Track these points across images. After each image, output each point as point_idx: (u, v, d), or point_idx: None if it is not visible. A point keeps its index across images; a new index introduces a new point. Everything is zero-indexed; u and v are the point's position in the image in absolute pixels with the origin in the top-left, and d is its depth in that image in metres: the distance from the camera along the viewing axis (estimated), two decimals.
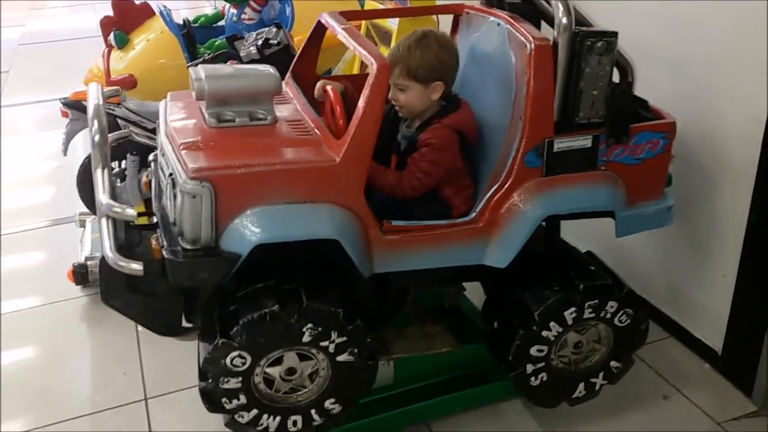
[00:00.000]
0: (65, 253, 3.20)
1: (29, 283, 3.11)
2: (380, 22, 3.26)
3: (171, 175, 1.66)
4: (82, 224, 3.31)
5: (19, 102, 5.70)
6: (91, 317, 2.83)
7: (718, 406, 2.24)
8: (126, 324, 2.72)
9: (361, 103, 1.68)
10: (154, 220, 1.88)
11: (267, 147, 1.72)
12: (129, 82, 3.52)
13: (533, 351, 1.93)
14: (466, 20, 2.15)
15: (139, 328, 2.72)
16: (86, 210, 3.27)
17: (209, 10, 4.62)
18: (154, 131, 2.34)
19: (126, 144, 2.98)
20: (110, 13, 3.88)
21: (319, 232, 1.65)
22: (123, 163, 3.09)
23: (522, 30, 1.81)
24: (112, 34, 3.77)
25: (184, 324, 2.01)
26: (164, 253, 1.64)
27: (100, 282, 1.85)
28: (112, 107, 2.91)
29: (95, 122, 1.76)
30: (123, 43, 3.77)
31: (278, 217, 1.63)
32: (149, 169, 2.09)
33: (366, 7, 3.66)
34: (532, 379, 1.98)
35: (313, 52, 2.18)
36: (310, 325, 1.70)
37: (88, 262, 2.95)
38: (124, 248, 1.75)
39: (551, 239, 2.09)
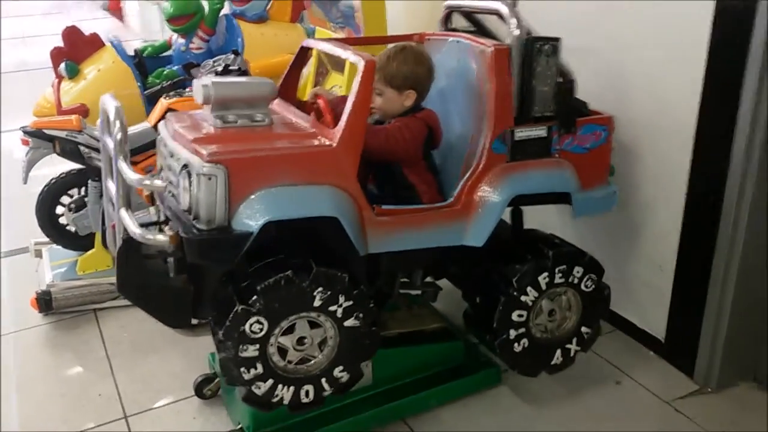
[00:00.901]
0: (21, 284, 3.21)
1: None
2: None
3: (185, 166, 1.81)
4: (38, 254, 3.33)
5: None
6: (57, 343, 2.86)
7: (665, 388, 2.48)
8: (94, 347, 2.80)
9: (351, 94, 1.89)
10: None
11: (270, 137, 1.93)
12: (81, 111, 3.56)
13: (514, 316, 2.16)
14: (427, 46, 2.40)
15: (109, 350, 2.77)
16: (41, 239, 3.29)
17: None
18: None
19: (87, 171, 3.05)
20: (60, 44, 3.90)
21: (321, 210, 1.82)
22: (83, 190, 3.15)
23: (479, 41, 2.11)
24: (62, 65, 3.80)
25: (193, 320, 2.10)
26: (182, 233, 1.76)
27: (117, 273, 1.94)
28: (74, 134, 2.96)
29: (117, 122, 1.91)
30: (74, 74, 3.81)
31: (284, 198, 1.79)
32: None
33: (317, 34, 3.86)
34: (515, 344, 2.20)
35: (296, 75, 2.41)
36: (320, 289, 1.86)
37: (51, 289, 2.98)
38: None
39: (516, 226, 2.35)
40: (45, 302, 2.95)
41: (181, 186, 1.82)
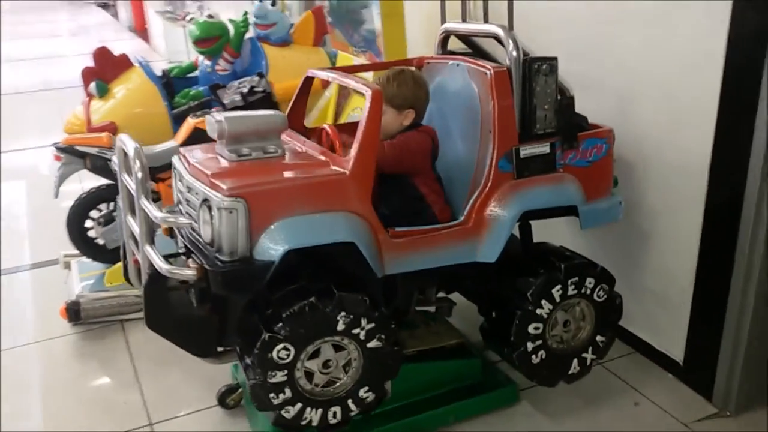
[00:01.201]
0: (51, 295, 3.29)
1: (19, 323, 3.18)
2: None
3: (205, 200, 1.86)
4: (67, 266, 3.42)
5: None
6: (85, 353, 2.94)
7: (683, 410, 2.49)
8: (120, 357, 2.87)
9: (362, 122, 1.96)
10: None
11: (285, 169, 1.99)
12: (110, 129, 3.67)
13: (531, 329, 2.22)
14: (427, 69, 2.50)
15: (135, 360, 2.83)
16: (71, 252, 3.38)
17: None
18: None
19: (116, 186, 3.14)
20: (90, 64, 4.03)
21: (339, 236, 1.88)
22: (111, 205, 3.24)
23: (479, 63, 2.18)
24: (92, 84, 3.92)
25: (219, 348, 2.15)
26: (206, 266, 1.81)
27: (144, 308, 1.99)
28: (104, 151, 3.07)
29: (137, 161, 1.93)
30: (103, 93, 3.94)
31: (302, 226, 1.85)
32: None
33: (339, 58, 3.96)
34: (533, 356, 2.25)
35: (302, 104, 2.48)
36: (343, 314, 1.91)
37: (80, 299, 3.05)
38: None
39: (526, 240, 2.41)
40: (74, 312, 3.03)
41: (202, 219, 1.88)
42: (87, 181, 3.23)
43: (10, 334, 3.07)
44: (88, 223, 3.24)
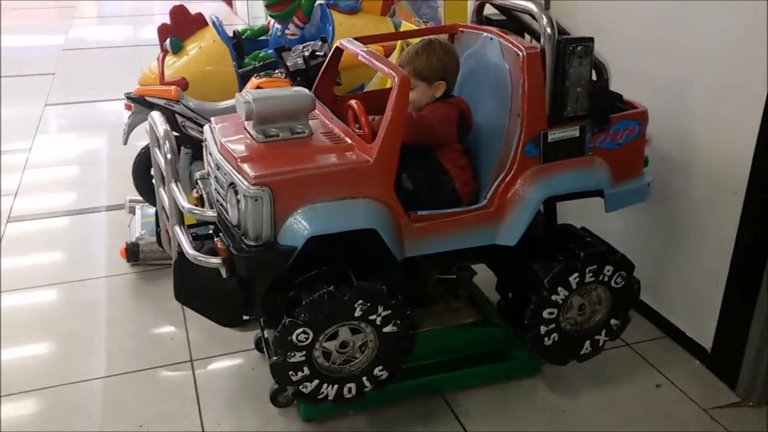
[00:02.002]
0: (114, 237, 3.54)
1: (82, 259, 3.44)
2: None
3: (232, 184, 1.90)
4: (132, 210, 3.64)
5: (64, 102, 6.13)
6: (141, 291, 3.15)
7: (705, 396, 2.49)
8: (172, 297, 3.02)
9: (388, 110, 1.93)
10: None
11: (310, 154, 1.99)
12: (181, 84, 3.84)
13: (545, 314, 2.23)
14: (460, 38, 2.46)
15: None
16: (136, 198, 3.60)
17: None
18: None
19: (180, 138, 3.32)
20: (167, 21, 4.22)
21: (360, 223, 1.92)
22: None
23: (513, 41, 2.12)
24: (168, 40, 4.10)
25: (244, 317, 2.26)
26: (231, 250, 1.87)
27: (174, 282, 2.12)
28: (171, 103, 3.24)
29: (166, 143, 1.99)
30: (177, 49, 4.11)
31: (325, 213, 1.89)
32: (198, 184, 2.36)
33: (402, 28, 4.01)
34: (546, 339, 2.27)
35: (331, 74, 2.47)
36: (360, 302, 1.96)
37: (140, 242, 3.27)
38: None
39: (550, 221, 2.40)
40: (133, 253, 3.24)
41: (229, 202, 1.93)
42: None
43: (81, 268, 3.32)
44: (153, 171, 3.44)
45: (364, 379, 2.11)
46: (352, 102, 2.20)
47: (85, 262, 3.39)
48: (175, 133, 3.31)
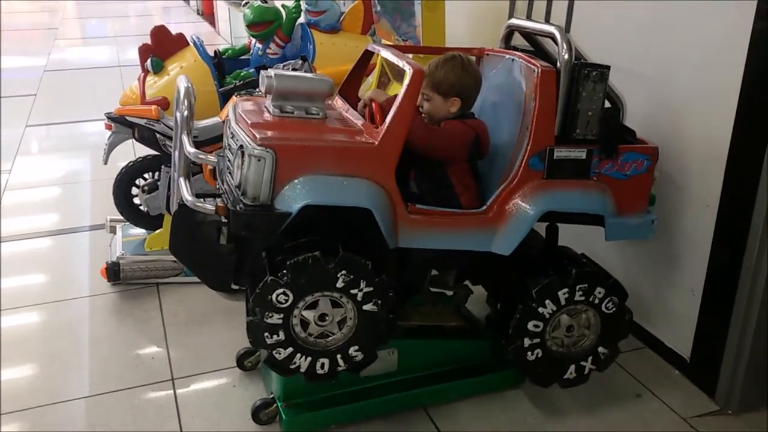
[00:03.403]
0: (95, 256, 3.52)
1: (63, 280, 3.41)
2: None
3: (241, 146, 1.96)
4: (113, 230, 3.62)
5: (45, 122, 6.11)
6: (122, 310, 3.12)
7: (685, 406, 2.50)
8: (153, 317, 3.04)
9: (398, 98, 1.99)
10: None
11: (319, 130, 2.06)
12: (163, 104, 3.85)
13: (530, 326, 2.23)
14: (486, 61, 2.52)
15: (165, 320, 3.01)
16: (116, 217, 3.58)
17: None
18: None
19: (160, 157, 3.33)
20: (147, 41, 4.24)
21: (356, 201, 1.94)
22: (156, 174, 3.43)
23: (532, 61, 2.16)
24: (149, 60, 4.11)
25: (233, 286, 2.28)
26: (228, 206, 1.93)
27: (170, 233, 2.15)
28: (152, 123, 3.24)
29: (185, 100, 2.15)
30: (158, 69, 4.11)
31: (324, 185, 1.93)
32: (216, 159, 2.37)
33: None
34: (529, 353, 2.27)
35: (358, 75, 2.53)
36: (344, 272, 1.98)
37: (121, 261, 3.25)
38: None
39: (550, 242, 2.41)
40: (114, 272, 3.22)
41: (235, 164, 1.98)
42: (142, 151, 3.43)
43: (62, 288, 3.30)
44: (134, 191, 3.43)
45: (339, 357, 2.11)
46: (373, 103, 2.24)
47: (67, 283, 3.36)
48: (156, 153, 3.35)
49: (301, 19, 4.56)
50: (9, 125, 5.93)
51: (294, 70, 3.42)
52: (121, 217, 3.50)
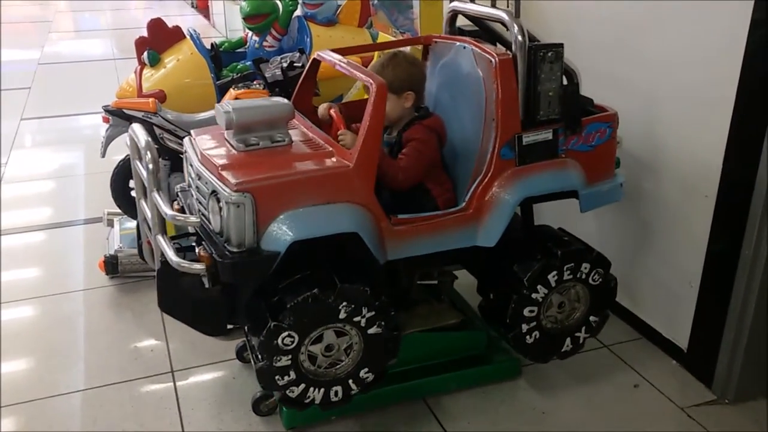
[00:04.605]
0: (93, 250, 3.52)
1: (61, 273, 3.41)
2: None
3: (214, 192, 1.92)
4: (110, 223, 3.62)
5: (40, 116, 6.10)
6: (120, 303, 3.13)
7: (682, 395, 2.52)
8: (152, 309, 3.03)
9: (366, 116, 1.97)
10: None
11: (291, 161, 2.01)
12: (159, 96, 3.85)
13: (526, 312, 2.26)
14: (434, 49, 2.51)
15: (164, 313, 3.01)
16: (114, 210, 3.58)
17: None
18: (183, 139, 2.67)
19: (158, 150, 3.31)
20: (144, 34, 4.23)
21: (342, 227, 1.93)
22: None
23: (486, 49, 2.17)
24: (145, 53, 4.11)
25: (228, 326, 2.25)
26: (215, 257, 1.88)
27: (157, 292, 2.11)
28: (149, 116, 3.24)
29: (147, 153, 2.00)
30: (155, 62, 4.12)
31: (307, 218, 1.90)
32: (179, 197, 2.37)
33: (379, 38, 4.05)
34: (527, 337, 2.31)
35: (309, 85, 2.51)
36: (344, 304, 1.97)
37: (119, 254, 3.25)
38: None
39: (527, 222, 2.44)
40: (112, 265, 3.22)
41: (211, 210, 1.94)
42: None
43: (60, 282, 3.29)
44: (131, 184, 3.43)
45: (351, 381, 2.12)
46: (332, 111, 2.24)
47: (64, 276, 3.36)
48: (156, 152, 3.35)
49: (298, 12, 4.56)
50: (3, 118, 5.92)
51: (292, 62, 3.43)
52: (119, 210, 3.50)
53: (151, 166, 2.00)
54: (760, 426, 2.39)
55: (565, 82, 2.20)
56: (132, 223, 3.49)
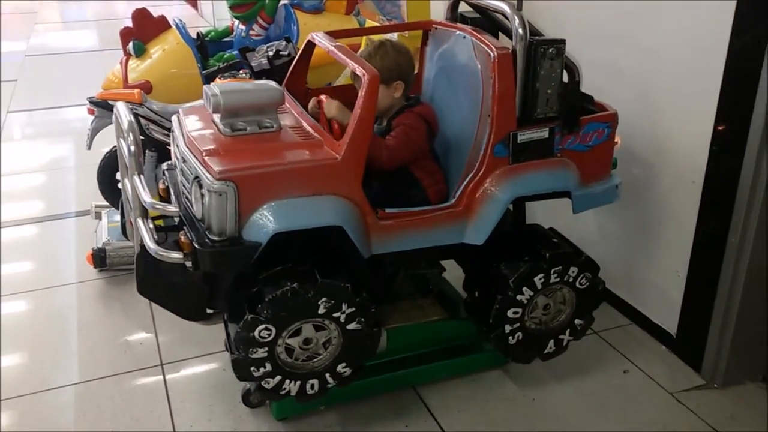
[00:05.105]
0: (81, 243, 3.49)
1: (50, 267, 3.39)
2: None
3: (197, 178, 1.87)
4: (98, 216, 3.60)
5: (28, 108, 6.03)
6: (110, 296, 3.11)
7: (672, 380, 2.54)
8: (141, 301, 2.99)
9: (356, 108, 1.92)
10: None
11: (278, 150, 1.96)
12: (145, 87, 3.81)
13: (510, 313, 2.23)
14: (434, 35, 2.46)
15: (153, 305, 2.99)
16: (102, 203, 3.55)
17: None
18: (170, 130, 2.64)
19: (144, 141, 3.29)
20: (129, 24, 4.19)
21: (326, 220, 1.90)
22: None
23: (485, 41, 2.09)
24: (130, 44, 4.06)
25: (208, 311, 2.24)
26: (194, 245, 1.84)
27: (136, 275, 2.06)
28: (135, 107, 3.20)
29: (130, 134, 1.95)
30: (140, 52, 4.07)
31: (291, 209, 1.86)
32: (165, 176, 2.32)
33: (367, 25, 4.01)
34: (510, 338, 2.27)
35: (303, 67, 2.45)
36: (324, 299, 1.94)
37: (106, 247, 3.23)
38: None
39: (518, 220, 2.41)
40: (100, 258, 3.19)
41: (193, 195, 1.89)
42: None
43: (49, 275, 3.27)
44: (118, 176, 3.40)
45: (327, 375, 2.09)
46: (322, 97, 2.19)
47: (54, 270, 3.34)
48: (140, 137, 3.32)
49: (284, 0, 4.52)
50: None
51: (278, 51, 3.38)
52: (107, 203, 3.47)
53: (133, 148, 1.96)
54: (749, 410, 2.40)
55: (566, 78, 2.13)
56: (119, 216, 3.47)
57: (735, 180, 2.29)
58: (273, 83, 2.12)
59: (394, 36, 2.77)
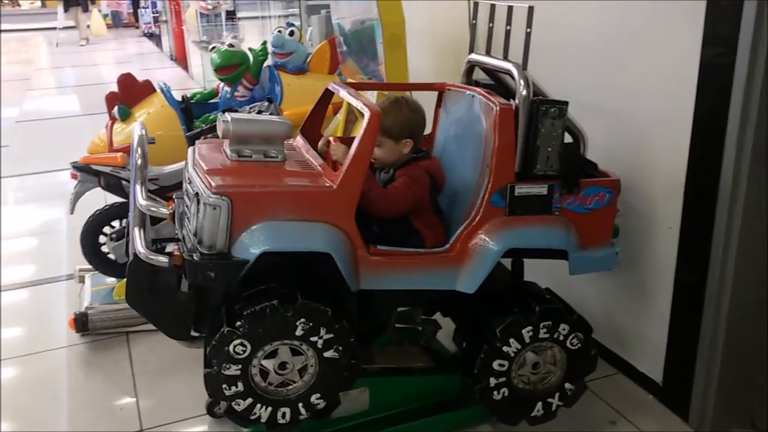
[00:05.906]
0: (64, 307, 3.46)
1: (38, 331, 3.35)
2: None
3: (197, 194, 1.94)
4: (81, 280, 3.58)
5: (19, 173, 6.07)
6: (90, 361, 3.06)
7: (659, 429, 2.50)
8: (123, 366, 2.99)
9: (356, 141, 1.98)
10: None
11: (276, 175, 2.05)
12: (129, 151, 3.84)
13: (495, 365, 2.20)
14: (447, 96, 2.54)
15: (135, 369, 2.96)
16: (86, 266, 3.54)
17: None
18: (154, 192, 2.67)
19: (127, 204, 3.30)
20: (114, 89, 4.25)
21: (316, 245, 1.92)
22: (123, 222, 3.40)
23: (491, 98, 2.16)
24: (115, 108, 4.12)
25: (193, 333, 2.22)
26: (184, 256, 1.90)
27: (126, 285, 2.10)
28: (118, 170, 3.23)
29: (138, 149, 2.24)
30: (125, 116, 4.12)
31: (282, 231, 1.90)
32: (174, 202, 2.34)
33: None
34: (495, 392, 2.23)
35: (320, 114, 2.53)
36: (302, 320, 1.94)
37: (89, 311, 3.20)
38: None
39: (516, 277, 2.39)
40: (82, 323, 3.15)
41: (192, 211, 1.96)
42: (112, 198, 3.41)
43: (33, 341, 3.24)
44: (102, 239, 3.40)
45: (300, 405, 2.07)
46: (331, 138, 2.25)
47: (38, 335, 3.29)
48: (123, 200, 3.33)
49: (269, 61, 4.60)
50: None
51: (260, 112, 3.43)
52: (91, 266, 3.46)
53: (139, 161, 2.17)
54: None
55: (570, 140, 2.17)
56: (107, 278, 3.45)
57: (710, 221, 2.30)
58: (283, 118, 2.21)
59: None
